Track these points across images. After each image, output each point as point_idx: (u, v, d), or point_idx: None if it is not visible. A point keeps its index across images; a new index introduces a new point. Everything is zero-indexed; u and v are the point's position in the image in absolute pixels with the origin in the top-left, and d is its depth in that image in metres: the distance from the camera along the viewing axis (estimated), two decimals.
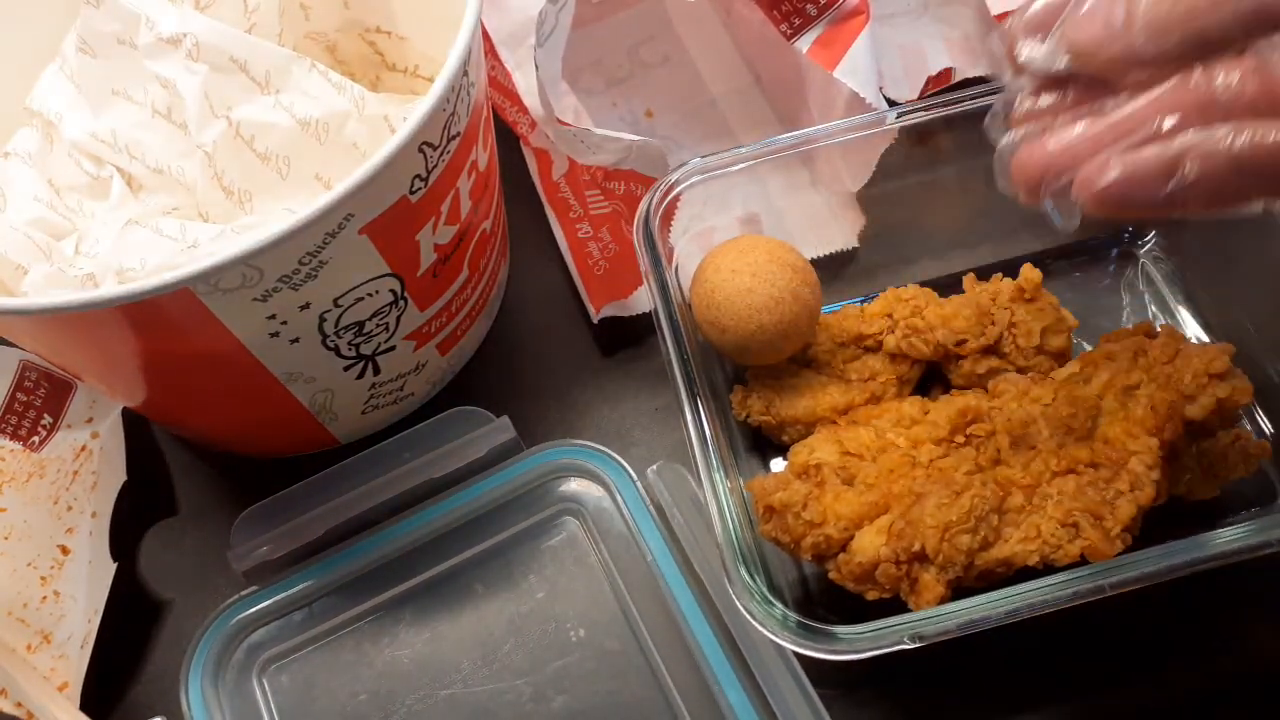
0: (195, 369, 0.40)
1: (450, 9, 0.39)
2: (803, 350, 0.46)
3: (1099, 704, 0.42)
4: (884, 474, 0.40)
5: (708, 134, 0.56)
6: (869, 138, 0.46)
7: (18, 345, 0.44)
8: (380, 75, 0.50)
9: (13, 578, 0.43)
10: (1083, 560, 0.38)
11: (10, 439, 0.45)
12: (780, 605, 0.37)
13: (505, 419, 0.46)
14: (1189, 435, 0.41)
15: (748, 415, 0.46)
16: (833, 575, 0.40)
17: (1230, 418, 0.42)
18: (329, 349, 0.41)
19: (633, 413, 0.50)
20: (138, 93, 0.43)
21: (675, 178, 0.45)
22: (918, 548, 0.38)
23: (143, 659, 0.46)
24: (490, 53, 0.48)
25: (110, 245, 0.41)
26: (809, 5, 0.46)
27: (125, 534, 0.48)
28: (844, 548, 0.39)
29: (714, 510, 0.39)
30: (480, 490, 0.46)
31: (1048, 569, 0.38)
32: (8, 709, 0.42)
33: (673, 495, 0.44)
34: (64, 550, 0.45)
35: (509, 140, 0.54)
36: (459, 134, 0.39)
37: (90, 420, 0.47)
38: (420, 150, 0.37)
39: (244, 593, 0.44)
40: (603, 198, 0.50)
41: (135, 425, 0.49)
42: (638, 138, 0.46)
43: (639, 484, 0.45)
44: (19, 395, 0.45)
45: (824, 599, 0.43)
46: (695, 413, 0.41)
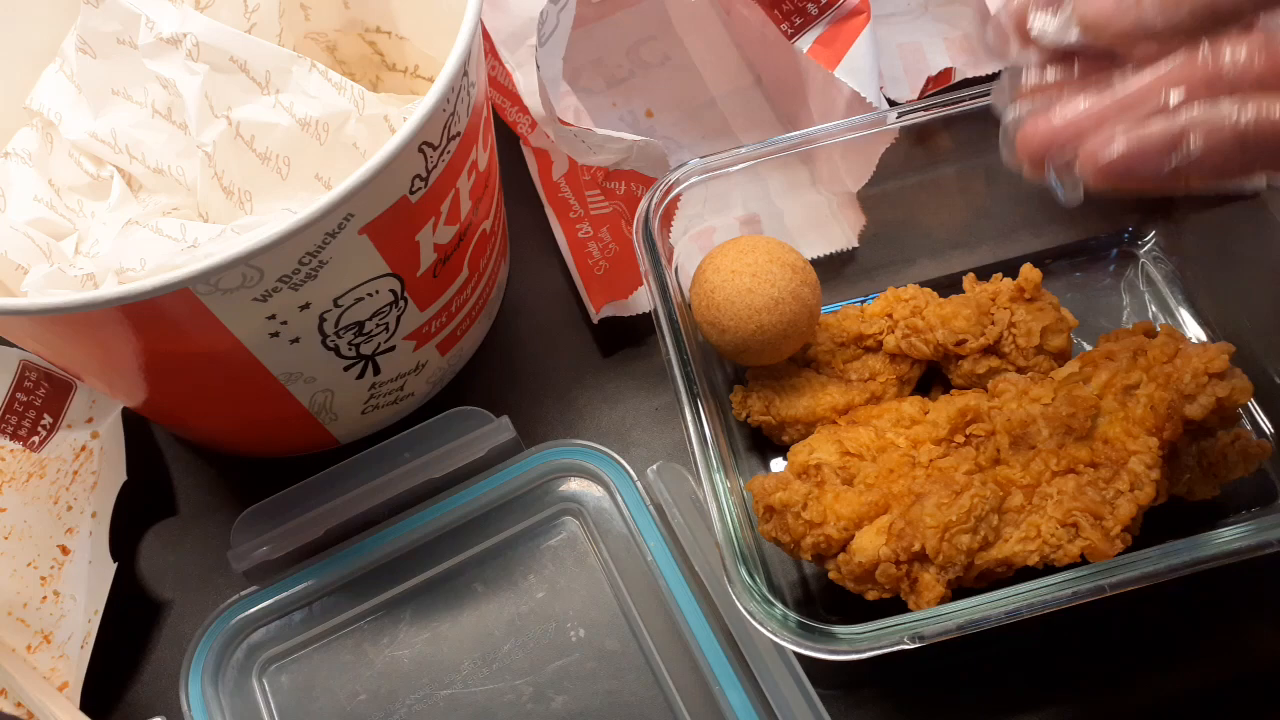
0: (195, 369, 0.40)
1: (450, 9, 0.39)
2: (803, 350, 0.46)
3: (1099, 704, 0.42)
4: (884, 474, 0.40)
5: (708, 134, 0.56)
6: (869, 138, 0.46)
7: (18, 345, 0.44)
8: (380, 75, 0.50)
9: (13, 578, 0.43)
10: (1083, 560, 0.38)
11: (10, 439, 0.45)
12: (780, 605, 0.37)
13: (505, 419, 0.46)
14: (1189, 435, 0.41)
15: (748, 415, 0.46)
16: (833, 575, 0.40)
17: (1230, 418, 0.42)
18: (329, 349, 0.41)
19: (632, 413, 0.50)
20: (138, 93, 0.43)
21: (675, 178, 0.45)
22: (918, 548, 0.38)
23: (143, 659, 0.46)
24: (491, 53, 0.48)
25: (110, 245, 0.41)
26: (810, 5, 0.46)
27: (125, 534, 0.48)
28: (844, 548, 0.39)
29: (714, 510, 0.39)
30: (480, 490, 0.46)
31: (1048, 569, 0.38)
32: (8, 709, 0.42)
33: (672, 495, 0.44)
34: (64, 550, 0.45)
35: (509, 140, 0.54)
36: (459, 134, 0.39)
37: (90, 420, 0.47)
38: (420, 150, 0.37)
39: (244, 593, 0.44)
40: (603, 198, 0.50)
41: (135, 425, 0.49)
42: (638, 138, 0.46)
43: (639, 484, 0.45)
44: (19, 395, 0.45)
45: (824, 599, 0.43)
46: (695, 413, 0.41)
